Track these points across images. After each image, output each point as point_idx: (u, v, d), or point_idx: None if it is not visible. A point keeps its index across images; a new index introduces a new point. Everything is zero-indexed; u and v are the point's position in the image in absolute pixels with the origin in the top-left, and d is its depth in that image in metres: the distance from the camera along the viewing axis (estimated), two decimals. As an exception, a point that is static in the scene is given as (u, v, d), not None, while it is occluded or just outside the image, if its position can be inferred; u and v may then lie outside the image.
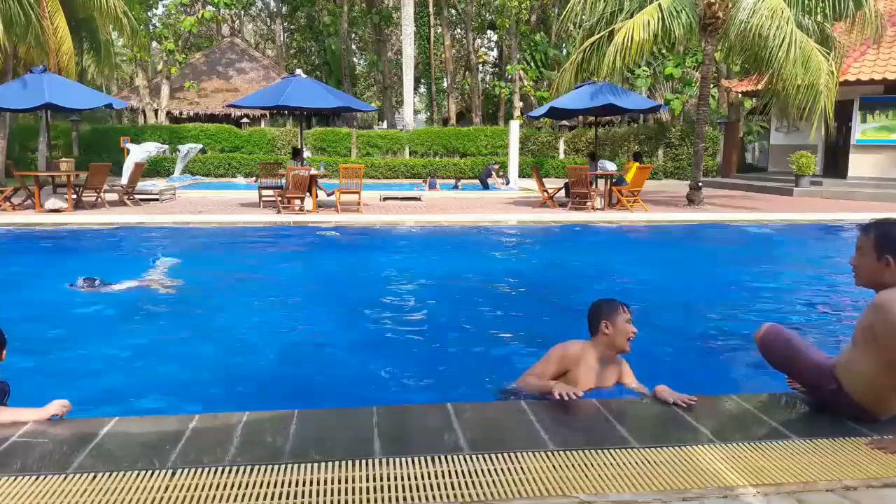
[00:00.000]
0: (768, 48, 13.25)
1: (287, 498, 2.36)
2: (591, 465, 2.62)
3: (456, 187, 20.11)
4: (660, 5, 13.41)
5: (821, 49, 13.72)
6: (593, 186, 14.31)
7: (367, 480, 2.48)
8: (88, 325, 5.80)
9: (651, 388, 3.46)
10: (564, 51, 29.11)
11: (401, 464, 2.61)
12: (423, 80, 42.61)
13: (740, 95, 24.57)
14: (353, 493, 2.39)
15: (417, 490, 2.42)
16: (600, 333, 3.61)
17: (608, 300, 3.70)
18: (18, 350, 3.62)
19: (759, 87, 16.69)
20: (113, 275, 7.18)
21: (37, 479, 2.47)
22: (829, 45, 14.72)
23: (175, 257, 8.96)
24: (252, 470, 2.55)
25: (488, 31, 38.49)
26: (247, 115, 27.89)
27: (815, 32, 14.81)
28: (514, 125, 22.99)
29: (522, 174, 23.05)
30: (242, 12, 40.88)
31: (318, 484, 2.46)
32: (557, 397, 3.22)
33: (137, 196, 15.01)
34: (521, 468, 2.58)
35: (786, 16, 12.90)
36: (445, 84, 37.82)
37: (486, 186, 19.56)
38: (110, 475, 2.50)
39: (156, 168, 22.72)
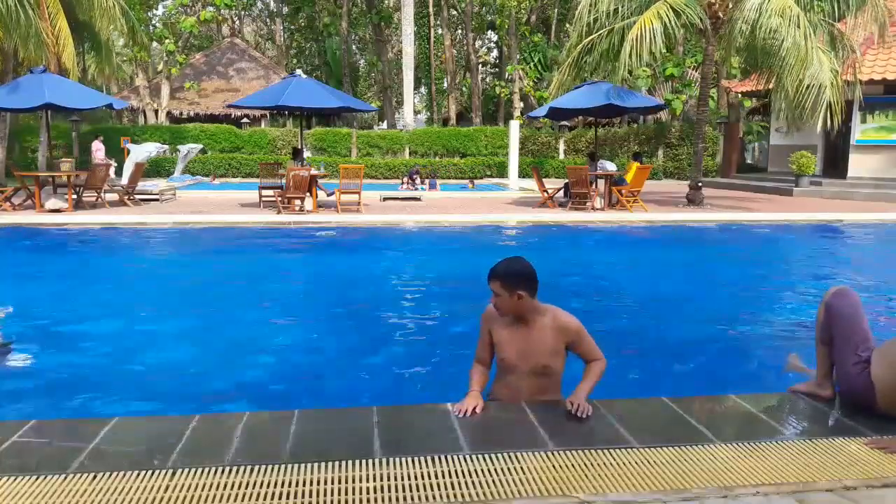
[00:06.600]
0: (775, 47, 13.18)
1: (287, 498, 2.36)
2: (591, 465, 2.62)
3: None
4: (666, 2, 13.36)
5: (824, 48, 13.67)
6: (593, 186, 14.31)
7: (367, 480, 2.48)
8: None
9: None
10: (564, 51, 29.08)
11: (401, 464, 2.61)
12: (423, 81, 42.59)
13: (740, 95, 24.55)
14: (353, 493, 2.39)
15: (417, 490, 2.42)
16: None
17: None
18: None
19: (761, 87, 16.65)
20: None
21: (37, 479, 2.47)
22: (838, 45, 14.61)
23: (175, 257, 8.96)
24: (252, 470, 2.54)
25: (488, 32, 38.49)
26: (247, 116, 27.88)
27: (824, 29, 14.73)
28: (514, 125, 23.00)
29: (522, 174, 23.05)
30: (243, 13, 40.88)
31: (318, 484, 2.46)
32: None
33: (138, 196, 15.02)
34: (521, 468, 2.58)
35: (795, 12, 12.85)
36: (445, 84, 37.82)
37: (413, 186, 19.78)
38: (110, 475, 2.50)
39: (156, 168, 22.71)
